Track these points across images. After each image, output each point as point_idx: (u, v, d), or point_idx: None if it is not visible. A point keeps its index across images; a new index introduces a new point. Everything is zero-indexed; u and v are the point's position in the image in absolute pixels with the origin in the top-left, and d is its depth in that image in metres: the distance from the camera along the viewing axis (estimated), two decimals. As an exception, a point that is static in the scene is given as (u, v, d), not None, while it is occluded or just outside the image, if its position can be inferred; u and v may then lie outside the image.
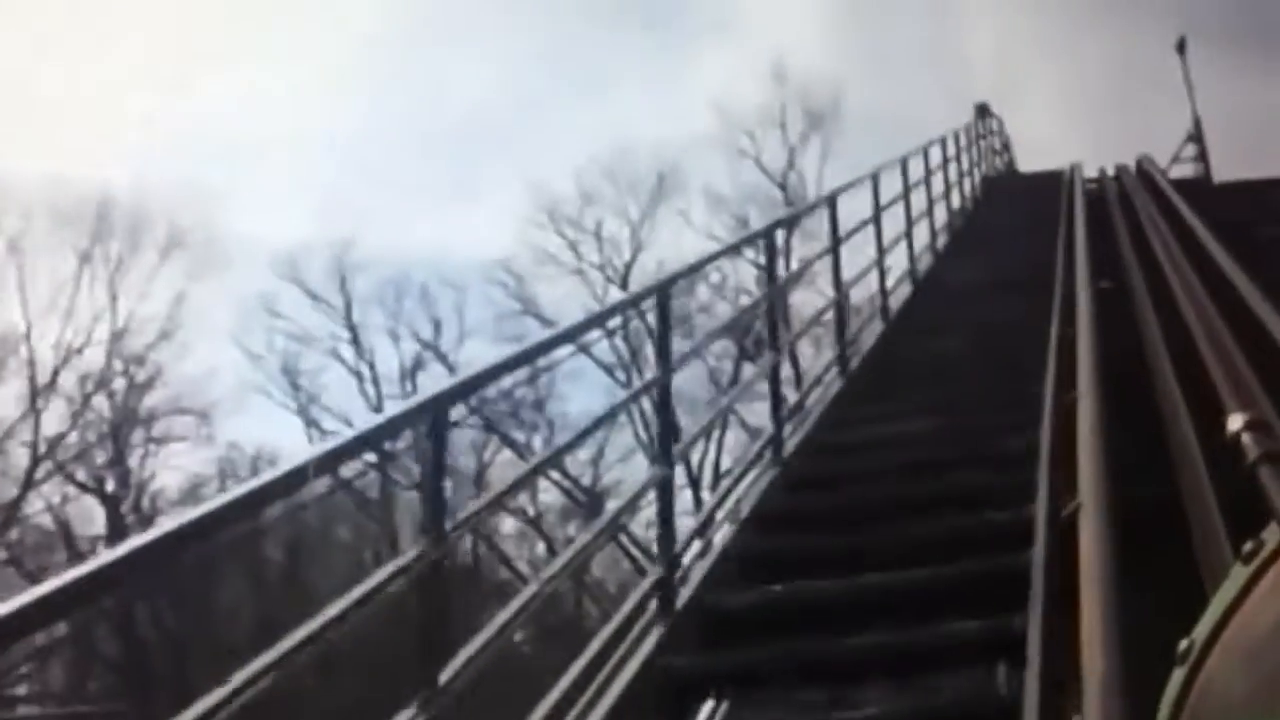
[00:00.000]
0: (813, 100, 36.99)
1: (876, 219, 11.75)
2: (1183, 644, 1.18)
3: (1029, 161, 27.11)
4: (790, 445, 7.56)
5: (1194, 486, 5.77)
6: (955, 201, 17.21)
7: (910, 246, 13.30)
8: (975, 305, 11.50)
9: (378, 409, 33.54)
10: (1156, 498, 5.67)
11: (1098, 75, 46.40)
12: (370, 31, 45.00)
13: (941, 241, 15.37)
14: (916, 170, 14.74)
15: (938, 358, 9.77)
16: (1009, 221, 16.56)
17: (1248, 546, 1.19)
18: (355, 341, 35.23)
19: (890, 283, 12.37)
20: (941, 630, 4.94)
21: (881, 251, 11.79)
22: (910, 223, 13.29)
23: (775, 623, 5.32)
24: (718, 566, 5.86)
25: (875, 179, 11.84)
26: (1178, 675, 1.17)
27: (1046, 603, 4.84)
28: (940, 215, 15.88)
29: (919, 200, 14.38)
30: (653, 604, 5.32)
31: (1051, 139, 40.79)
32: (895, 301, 12.16)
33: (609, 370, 33.56)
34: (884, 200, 12.20)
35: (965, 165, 19.14)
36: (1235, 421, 1.58)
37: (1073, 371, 7.94)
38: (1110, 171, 22.97)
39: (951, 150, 17.79)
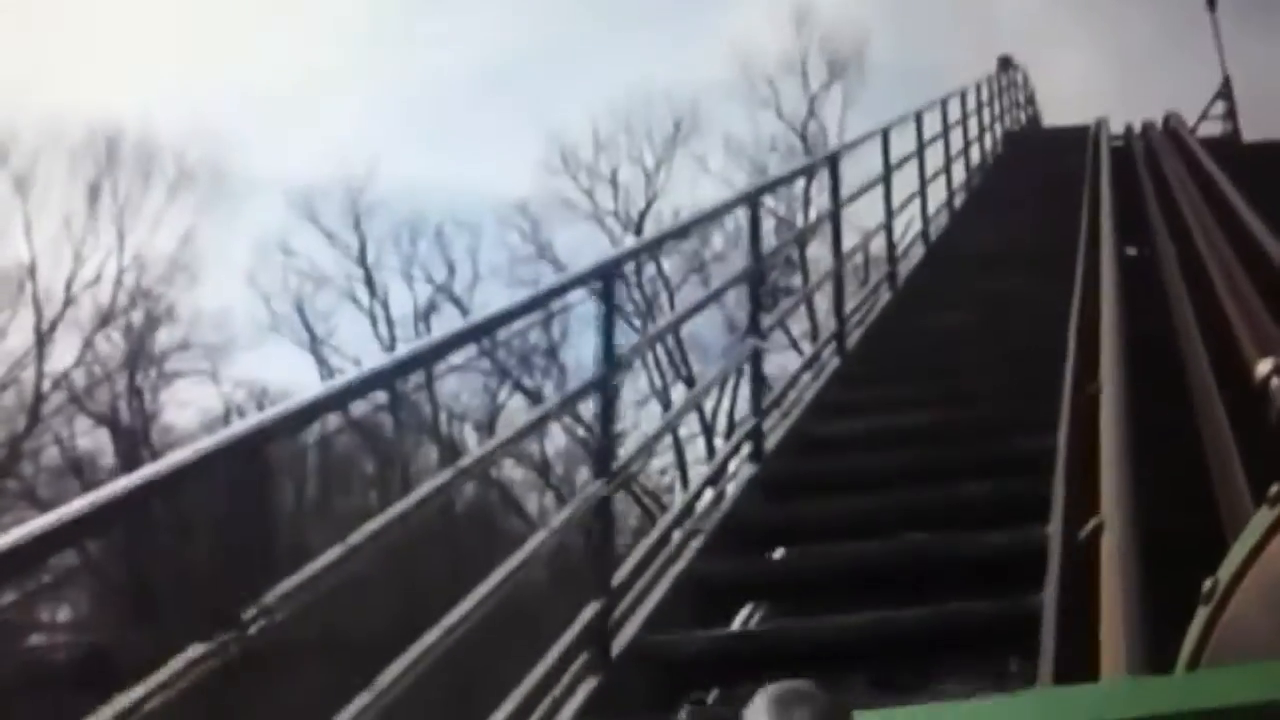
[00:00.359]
0: (835, 48, 35.98)
1: (887, 179, 10.91)
2: (1207, 583, 1.19)
3: (1057, 116, 26.18)
4: (774, 439, 6.75)
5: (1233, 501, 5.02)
6: (975, 158, 16.33)
7: (924, 208, 12.45)
8: (991, 276, 10.66)
9: (390, 349, 32.96)
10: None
11: (1130, 31, 45.13)
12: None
13: (959, 201, 14.51)
14: (933, 125, 13.92)
15: (946, 336, 8.96)
16: (1030, 181, 15.67)
17: (1274, 490, 1.18)
18: (369, 282, 34.44)
19: (901, 247, 11.57)
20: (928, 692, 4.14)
21: (890, 214, 10.97)
22: (924, 183, 12.45)
23: (734, 668, 4.51)
24: (669, 600, 5.02)
25: (885, 135, 11.00)
26: (1201, 614, 1.18)
27: (1059, 652, 4.05)
28: (958, 173, 15.03)
29: (936, 157, 13.55)
30: (584, 655, 4.43)
31: (1081, 93, 39.74)
32: (906, 268, 11.35)
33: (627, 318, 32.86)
34: (898, 157, 11.40)
35: (986, 120, 18.24)
36: (1265, 366, 1.55)
37: (1095, 358, 7.17)
38: (1137, 128, 22.05)
39: (972, 104, 16.92)
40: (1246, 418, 5.25)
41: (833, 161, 9.84)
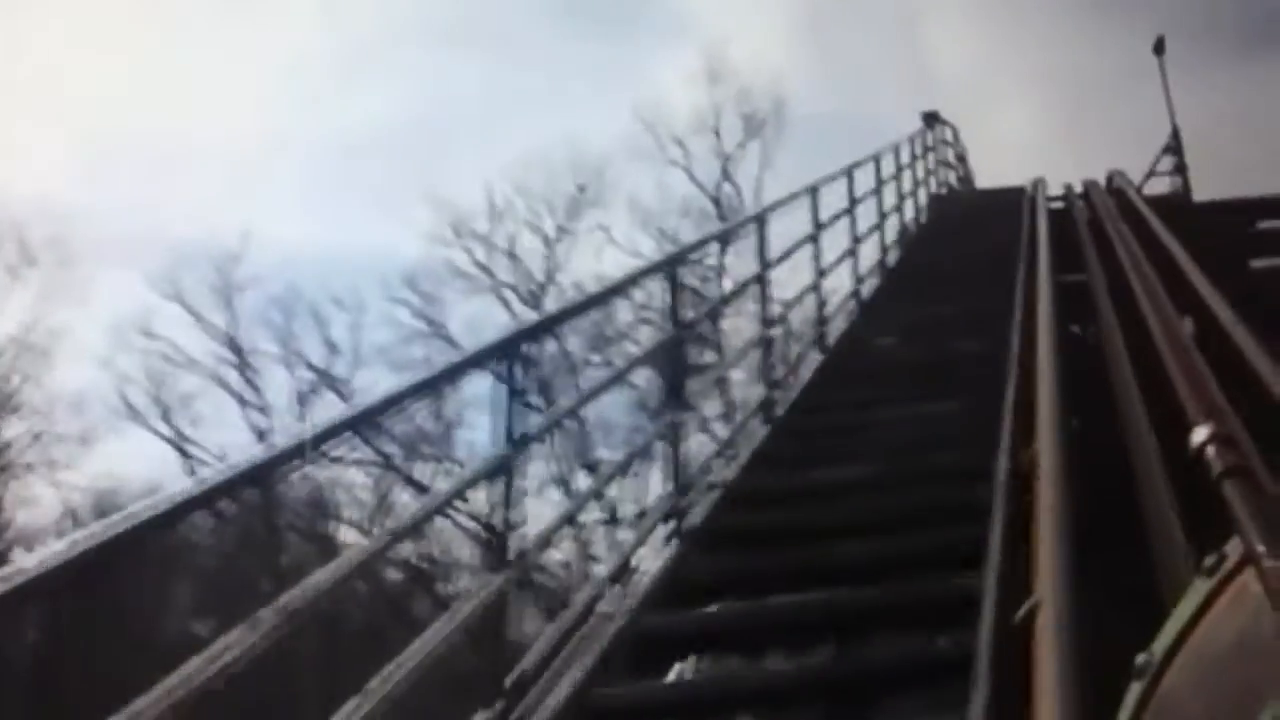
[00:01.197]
0: (752, 103, 33.78)
1: (760, 276, 8.57)
2: (1140, 658, 1.19)
3: (994, 175, 24.08)
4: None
5: None
6: (892, 230, 14.06)
7: (819, 302, 10.11)
8: (896, 396, 8.30)
9: (262, 437, 30.42)
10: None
11: (1069, 81, 43.12)
12: (295, 42, 41.54)
13: (869, 286, 12.18)
14: (839, 196, 11.66)
15: (832, 499, 6.55)
16: (956, 256, 13.37)
17: (1209, 560, 1.19)
18: (241, 365, 31.71)
19: (794, 353, 9.22)
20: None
21: (767, 323, 8.59)
22: (819, 272, 10.13)
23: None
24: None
25: (761, 221, 8.67)
26: (1135, 690, 1.19)
27: None
28: (870, 250, 12.73)
29: (841, 234, 11.29)
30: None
31: (1020, 146, 37.68)
32: (794, 385, 8.97)
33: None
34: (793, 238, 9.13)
35: (908, 184, 16.00)
36: (1199, 435, 1.54)
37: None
38: (1078, 187, 19.88)
39: (890, 168, 14.67)
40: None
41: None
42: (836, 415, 8.11)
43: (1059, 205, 18.15)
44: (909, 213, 15.73)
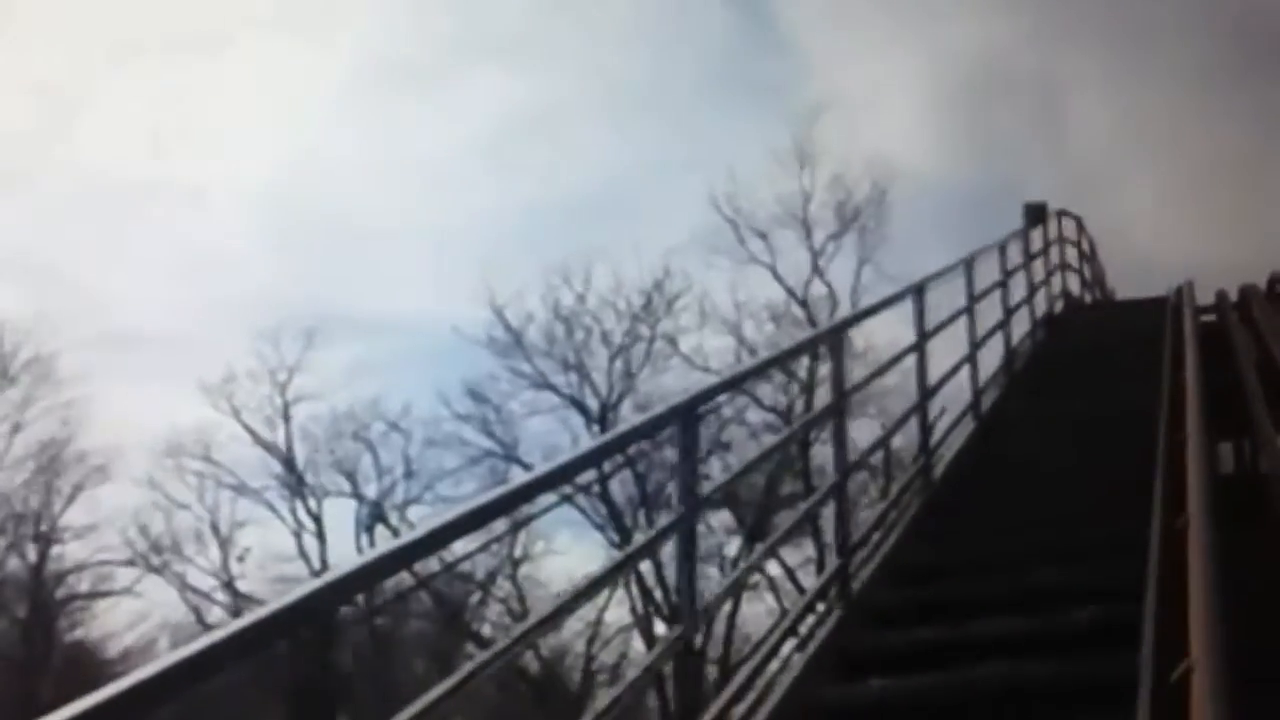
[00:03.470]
0: (848, 189, 29.97)
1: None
2: None
3: (1128, 269, 20.18)
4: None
5: None
6: (977, 382, 10.19)
7: (841, 545, 6.38)
8: None
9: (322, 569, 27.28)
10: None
11: (1206, 158, 38.82)
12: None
13: (917, 503, 8.24)
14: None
15: None
16: (1062, 424, 9.46)
17: None
18: (299, 487, 28.49)
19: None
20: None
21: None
22: (840, 489, 6.43)
23: None
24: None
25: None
26: None
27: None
28: (942, 420, 8.95)
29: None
30: None
31: (1156, 226, 33.49)
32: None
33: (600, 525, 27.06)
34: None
35: (1011, 302, 12.15)
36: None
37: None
38: (1233, 295, 15.98)
39: (984, 283, 10.85)
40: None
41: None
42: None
43: (1210, 319, 14.28)
44: (1010, 343, 11.83)
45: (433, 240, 35.02)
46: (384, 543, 5.68)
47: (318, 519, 28.32)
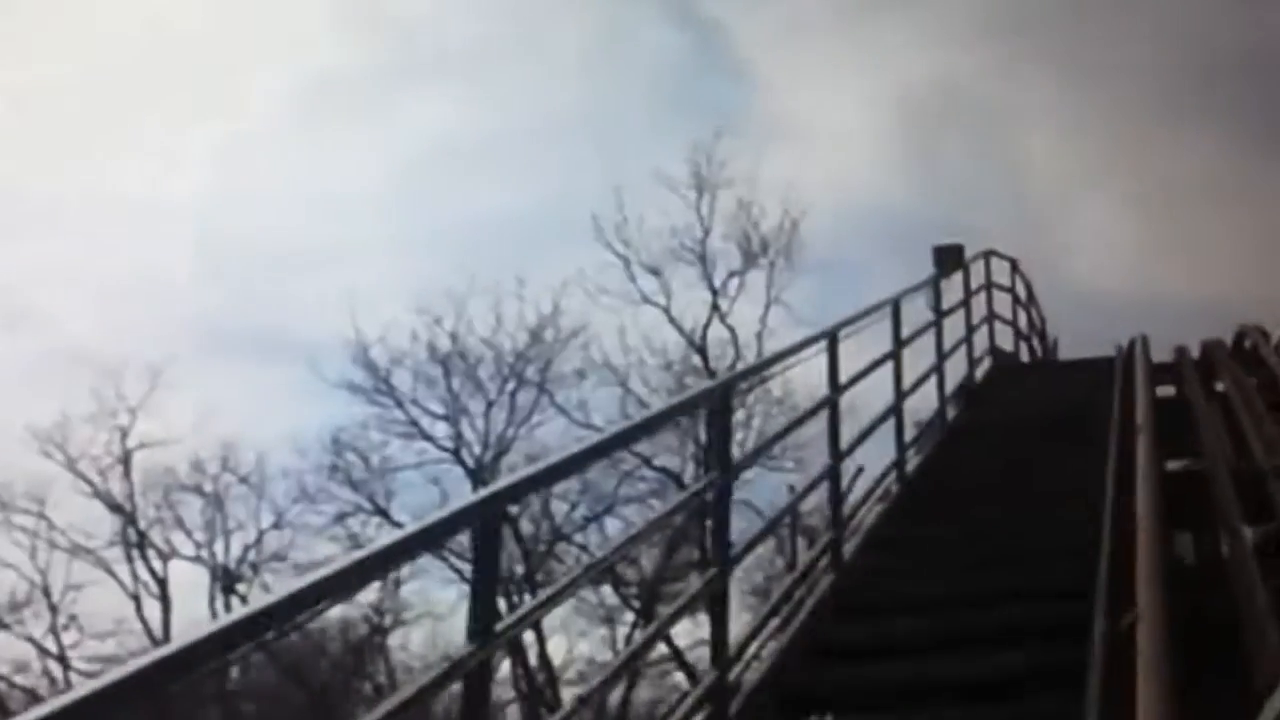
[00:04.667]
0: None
1: None
2: None
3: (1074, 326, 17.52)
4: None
5: None
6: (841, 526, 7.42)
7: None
8: None
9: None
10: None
11: (1165, 191, 36.25)
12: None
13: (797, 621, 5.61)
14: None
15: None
16: (973, 524, 6.77)
17: None
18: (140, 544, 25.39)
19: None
20: None
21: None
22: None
23: None
24: None
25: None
26: None
27: None
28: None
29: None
30: None
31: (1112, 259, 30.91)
32: None
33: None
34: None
35: (912, 377, 9.49)
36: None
37: None
38: (1194, 350, 13.32)
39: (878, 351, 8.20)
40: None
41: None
42: None
43: (1168, 392, 11.62)
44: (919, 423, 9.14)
45: (332, 271, 31.86)
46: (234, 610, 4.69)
47: (162, 581, 25.24)
